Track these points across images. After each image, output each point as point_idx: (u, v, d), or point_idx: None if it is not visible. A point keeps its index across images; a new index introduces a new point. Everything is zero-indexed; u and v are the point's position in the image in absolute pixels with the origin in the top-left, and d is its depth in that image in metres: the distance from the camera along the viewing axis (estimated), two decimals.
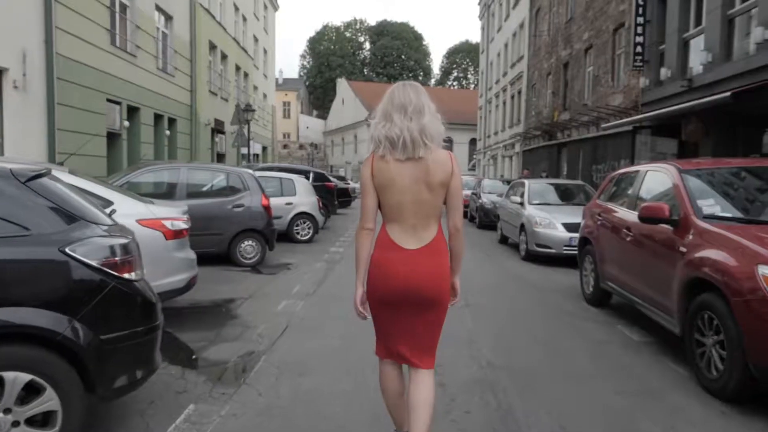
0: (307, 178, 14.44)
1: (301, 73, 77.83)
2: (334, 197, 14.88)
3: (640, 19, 14.56)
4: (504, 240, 12.39)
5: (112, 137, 14.94)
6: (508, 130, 32.76)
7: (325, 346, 4.77)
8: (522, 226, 10.17)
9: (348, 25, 77.29)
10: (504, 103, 34.39)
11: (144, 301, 2.93)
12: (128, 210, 4.79)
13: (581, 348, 4.98)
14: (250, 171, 8.69)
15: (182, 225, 5.16)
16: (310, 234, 11.66)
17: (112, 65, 14.60)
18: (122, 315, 2.80)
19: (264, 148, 36.53)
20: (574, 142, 20.91)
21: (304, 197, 11.57)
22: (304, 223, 11.60)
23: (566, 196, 11.26)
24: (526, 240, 9.90)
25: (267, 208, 8.54)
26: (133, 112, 16.12)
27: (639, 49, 14.59)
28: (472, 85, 73.25)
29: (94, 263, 2.68)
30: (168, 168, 8.45)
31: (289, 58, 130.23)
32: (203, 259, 8.34)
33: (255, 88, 33.61)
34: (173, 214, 5.15)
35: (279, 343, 4.84)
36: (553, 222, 9.44)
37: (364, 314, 2.68)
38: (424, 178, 2.50)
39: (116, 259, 2.76)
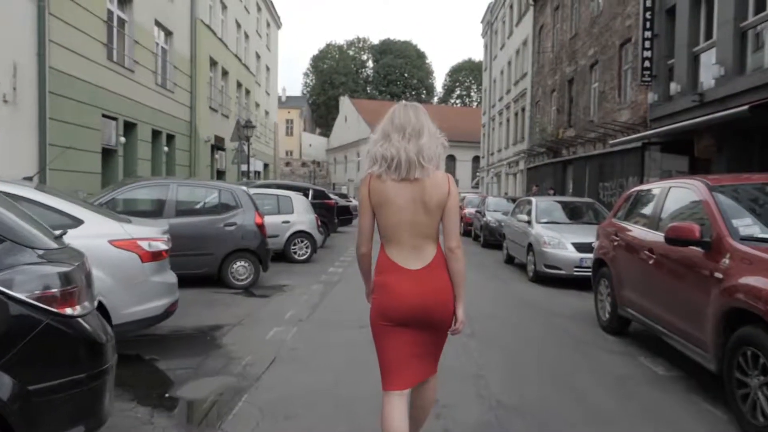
0: (306, 195, 14.02)
1: (304, 91, 78.01)
2: (333, 215, 14.44)
3: (648, 34, 14.22)
4: (510, 260, 11.89)
5: (107, 153, 14.60)
6: (511, 147, 32.42)
7: (315, 382, 4.27)
8: (529, 246, 9.67)
9: (351, 44, 77.63)
10: (507, 120, 34.10)
11: (88, 341, 2.44)
12: (100, 230, 4.34)
13: (601, 384, 4.47)
14: (244, 188, 8.25)
15: (161, 246, 4.71)
16: (308, 253, 11.19)
17: (108, 80, 14.31)
18: (59, 359, 2.32)
19: (266, 166, 36.24)
20: (579, 159, 20.49)
21: (302, 215, 11.11)
22: (302, 242, 11.13)
23: (575, 214, 10.77)
24: (534, 261, 9.40)
25: (261, 226, 8.09)
26: (129, 128, 15.82)
27: (647, 63, 14.24)
28: (475, 103, 73.22)
29: (22, 296, 2.21)
30: (156, 184, 8.01)
31: (292, 75, 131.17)
32: (192, 281, 7.93)
33: (257, 105, 33.44)
34: (151, 233, 4.70)
35: (265, 378, 4.35)
36: (563, 242, 8.95)
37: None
38: (421, 198, 2.49)
39: (53, 291, 2.29)
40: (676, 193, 4.83)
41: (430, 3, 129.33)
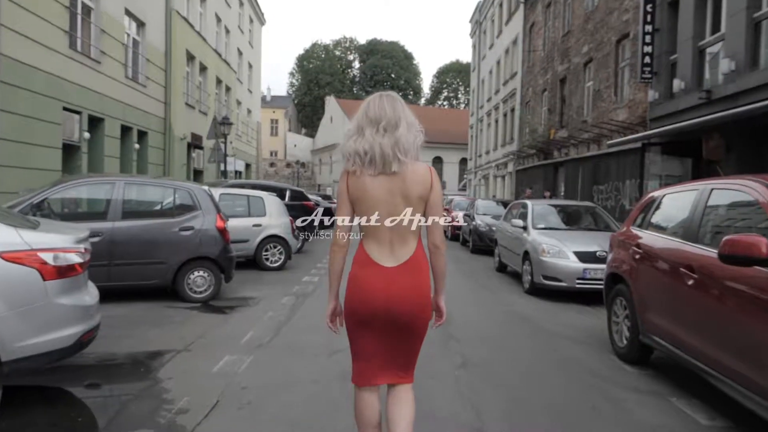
0: (283, 196, 13.00)
1: (290, 91, 76.89)
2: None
3: (648, 27, 13.42)
4: (503, 268, 10.96)
5: (70, 150, 13.50)
6: (500, 149, 31.64)
7: None
8: (526, 254, 8.73)
9: (337, 43, 76.67)
10: (496, 121, 33.32)
11: None
12: None
13: None
14: (205, 187, 7.21)
15: (74, 258, 3.69)
16: (282, 260, 10.14)
17: (71, 71, 13.22)
18: None
19: (248, 165, 35.16)
20: (572, 161, 19.69)
21: (275, 218, 10.06)
22: (275, 247, 10.08)
23: (574, 219, 9.84)
24: (530, 270, 8.47)
25: (223, 231, 7.04)
26: (96, 123, 14.71)
27: (647, 59, 13.43)
28: (462, 105, 72.68)
29: None
30: (99, 182, 6.90)
31: (277, 75, 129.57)
32: (144, 294, 6.90)
33: (238, 103, 32.32)
34: (61, 242, 3.68)
35: None
36: (564, 250, 8.02)
37: (334, 329, 2.64)
38: (401, 191, 2.42)
39: None
40: (722, 197, 3.90)
41: (417, 4, 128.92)
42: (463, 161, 48.18)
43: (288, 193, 13.16)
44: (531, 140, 24.30)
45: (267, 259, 10.03)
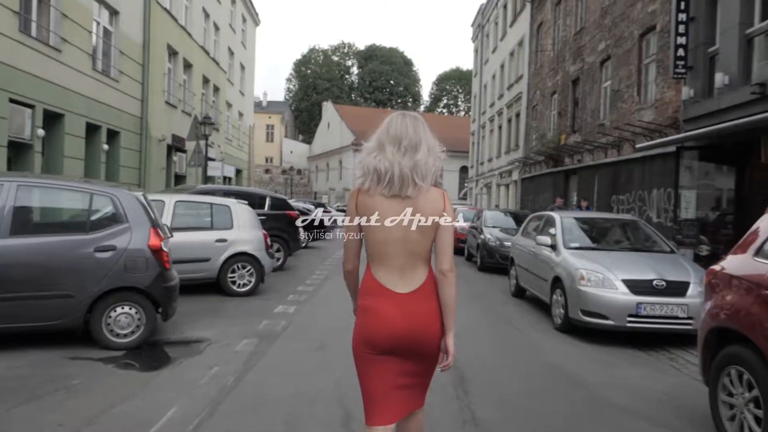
0: (263, 204, 11.19)
1: (287, 97, 75.35)
2: (296, 230, 11.61)
3: (683, 16, 11.73)
4: (520, 293, 9.13)
5: (19, 148, 11.79)
6: (504, 156, 29.97)
7: None
8: (556, 280, 6.90)
9: (336, 49, 75.28)
10: (500, 127, 31.67)
11: None
12: None
13: None
14: (137, 193, 5.34)
15: None
16: (252, 283, 8.24)
17: (22, 58, 11.56)
18: None
19: (239, 171, 33.44)
20: (586, 168, 17.98)
21: (244, 231, 8.15)
22: (244, 268, 8.15)
23: (613, 236, 7.99)
24: (564, 303, 6.64)
25: (158, 251, 5.21)
26: (53, 119, 13.02)
27: (681, 52, 11.74)
28: (462, 113, 71.26)
29: None
30: None
31: (274, 81, 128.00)
32: (46, 338, 5.11)
33: (229, 105, 30.65)
34: None
35: None
36: (609, 278, 6.22)
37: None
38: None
39: None
40: None
41: (417, 10, 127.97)
42: (464, 169, 46.67)
43: (268, 201, 11.33)
44: (539, 146, 22.60)
45: (233, 282, 8.11)
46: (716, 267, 3.86)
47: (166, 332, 5.92)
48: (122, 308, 5.15)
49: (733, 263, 3.76)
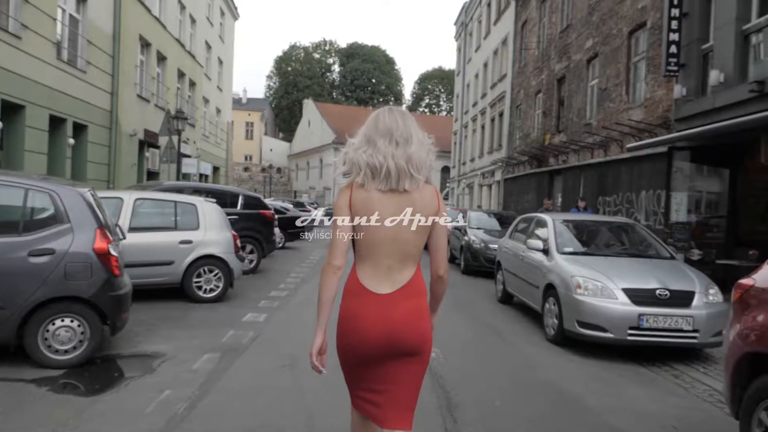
0: (235, 203, 10.50)
1: (267, 94, 74.23)
2: (271, 230, 10.93)
3: (675, 12, 11.35)
4: (507, 298, 8.59)
5: None
6: (486, 156, 29.58)
7: None
8: (549, 288, 6.37)
9: (317, 46, 74.38)
10: (483, 126, 31.27)
11: None
12: None
13: None
14: (83, 189, 4.64)
15: None
16: (220, 288, 7.55)
17: None
18: None
19: (216, 169, 32.57)
20: (572, 169, 17.60)
21: (212, 232, 7.45)
22: (211, 272, 7.46)
23: (608, 241, 7.46)
24: (557, 312, 6.11)
25: (104, 255, 4.54)
26: (12, 110, 12.16)
27: (673, 49, 11.36)
28: (444, 112, 70.94)
29: None
30: None
31: (254, 78, 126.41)
32: None
33: (206, 100, 29.77)
34: None
35: None
36: (608, 286, 5.70)
37: (319, 368, 2.24)
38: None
39: None
40: None
41: (399, 9, 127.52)
42: (446, 169, 46.29)
43: (241, 200, 10.65)
44: (523, 146, 22.20)
45: (199, 288, 7.41)
46: (747, 281, 3.32)
47: (118, 346, 5.25)
48: (62, 321, 4.46)
49: (764, 274, 3.25)
